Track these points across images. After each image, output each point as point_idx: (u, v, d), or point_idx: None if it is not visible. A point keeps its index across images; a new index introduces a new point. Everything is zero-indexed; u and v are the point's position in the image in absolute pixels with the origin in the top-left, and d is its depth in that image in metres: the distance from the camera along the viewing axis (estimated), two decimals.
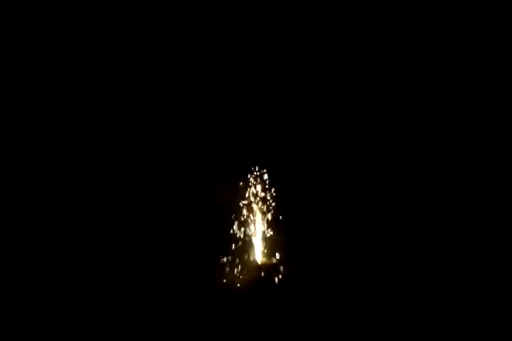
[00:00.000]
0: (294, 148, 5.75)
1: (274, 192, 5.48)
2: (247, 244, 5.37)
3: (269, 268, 5.17)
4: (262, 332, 4.12)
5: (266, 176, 5.53)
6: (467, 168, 5.71)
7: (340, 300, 4.60)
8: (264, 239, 5.40)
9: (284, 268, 5.22)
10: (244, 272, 5.20)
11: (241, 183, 5.51)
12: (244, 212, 5.46)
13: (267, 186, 5.51)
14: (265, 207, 5.45)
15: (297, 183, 5.60)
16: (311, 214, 5.59)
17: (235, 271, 5.24)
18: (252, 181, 5.50)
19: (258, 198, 5.46)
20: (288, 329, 4.17)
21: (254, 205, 5.45)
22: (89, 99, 5.86)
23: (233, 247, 5.34)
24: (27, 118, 5.70)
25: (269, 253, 5.36)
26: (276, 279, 5.09)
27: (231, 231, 5.39)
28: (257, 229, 5.41)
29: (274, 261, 5.28)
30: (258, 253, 5.38)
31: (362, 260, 5.22)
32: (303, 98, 5.87)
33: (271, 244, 5.39)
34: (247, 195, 5.49)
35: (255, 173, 5.53)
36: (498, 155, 5.66)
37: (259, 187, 5.51)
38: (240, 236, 5.37)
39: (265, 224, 5.43)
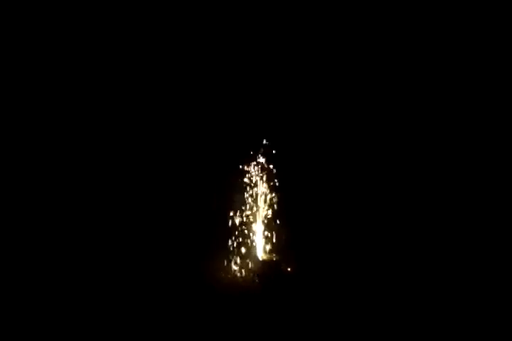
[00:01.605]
0: (298, 142, 5.76)
1: (277, 185, 5.47)
2: (248, 239, 5.35)
3: (271, 265, 5.14)
4: (262, 330, 4.10)
5: (266, 169, 5.50)
6: (467, 168, 5.73)
7: (341, 297, 4.58)
8: (266, 234, 5.38)
9: (285, 264, 5.20)
10: (246, 268, 5.18)
11: (241, 175, 5.48)
12: (246, 206, 5.45)
13: (268, 178, 5.48)
14: (267, 202, 5.44)
15: (300, 178, 5.61)
16: (313, 210, 5.60)
17: (236, 267, 5.22)
18: (253, 173, 5.47)
19: (260, 191, 5.44)
20: (289, 327, 4.14)
21: (255, 199, 5.44)
22: (86, 96, 5.87)
23: (234, 243, 5.32)
24: (27, 119, 5.71)
25: (271, 249, 5.35)
26: (278, 276, 5.07)
27: (232, 226, 5.38)
28: (259, 225, 5.39)
29: (276, 257, 5.26)
30: (259, 250, 5.35)
31: (364, 257, 5.22)
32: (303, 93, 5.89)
33: (273, 240, 5.37)
34: (247, 189, 5.47)
35: (256, 166, 5.49)
36: (498, 155, 5.68)
37: (260, 180, 5.48)
38: (241, 232, 5.35)
39: (267, 220, 5.41)
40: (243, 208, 5.42)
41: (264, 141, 5.48)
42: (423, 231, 5.45)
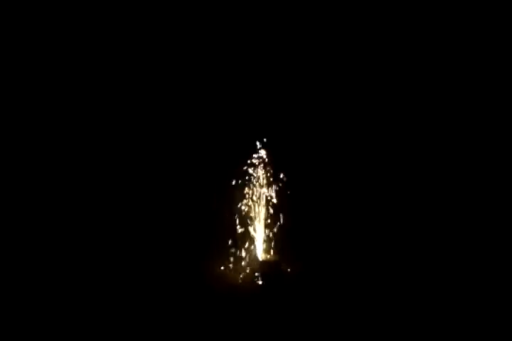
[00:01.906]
0: (298, 142, 5.76)
1: (277, 186, 5.46)
2: (248, 239, 5.34)
3: (271, 265, 5.13)
4: (262, 329, 4.09)
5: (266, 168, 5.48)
6: (467, 168, 5.73)
7: (342, 297, 4.57)
8: (266, 234, 5.36)
9: (285, 264, 5.19)
10: (246, 268, 5.17)
11: (241, 174, 5.46)
12: (246, 206, 5.43)
13: (269, 178, 5.46)
14: (267, 201, 5.42)
15: (300, 178, 5.61)
16: (313, 210, 5.60)
17: (236, 267, 5.21)
18: (253, 172, 5.45)
19: (260, 191, 5.42)
20: (289, 327, 4.13)
21: (255, 200, 5.42)
22: (88, 99, 5.87)
23: (234, 243, 5.31)
24: (27, 119, 5.70)
25: (271, 249, 5.34)
26: (278, 276, 5.06)
27: (231, 226, 5.36)
28: (259, 225, 5.38)
29: (276, 257, 5.25)
30: (259, 250, 5.34)
31: (364, 257, 5.22)
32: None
33: (273, 240, 5.35)
34: (247, 188, 5.45)
35: (256, 166, 5.47)
36: (498, 155, 5.69)
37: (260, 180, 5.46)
38: (241, 232, 5.34)
39: (267, 220, 5.40)
40: (243, 208, 5.41)
41: (264, 141, 5.47)
42: (423, 231, 5.45)
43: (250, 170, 5.42)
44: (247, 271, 5.16)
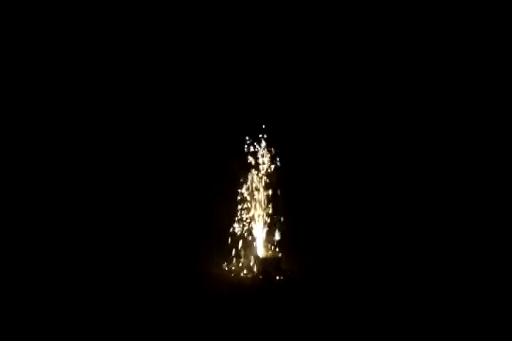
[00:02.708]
0: (299, 138, 5.77)
1: (277, 182, 5.45)
2: (249, 237, 5.33)
3: (272, 262, 5.12)
4: (262, 328, 4.06)
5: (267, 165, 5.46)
6: (467, 168, 5.76)
7: (342, 296, 4.55)
8: (267, 232, 5.35)
9: (286, 262, 5.18)
10: (246, 266, 5.16)
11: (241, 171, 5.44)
12: (246, 204, 5.42)
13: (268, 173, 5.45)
14: (268, 199, 5.41)
15: (301, 175, 5.62)
16: (314, 207, 5.61)
17: (236, 265, 5.20)
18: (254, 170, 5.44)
19: (261, 188, 5.41)
20: (289, 326, 4.11)
21: (255, 198, 5.41)
22: (87, 98, 5.89)
23: (235, 241, 5.30)
24: (27, 119, 5.72)
25: (272, 247, 5.32)
26: (279, 273, 5.06)
27: (232, 225, 5.35)
28: (259, 223, 5.37)
29: (276, 254, 5.24)
30: (260, 247, 5.32)
31: (363, 256, 5.22)
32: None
33: (273, 238, 5.34)
34: (248, 187, 5.44)
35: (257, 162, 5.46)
36: (498, 155, 5.72)
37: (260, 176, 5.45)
38: (241, 230, 5.33)
39: (268, 217, 5.39)
40: (244, 205, 5.40)
41: (265, 138, 5.47)
42: (423, 230, 5.46)
43: (251, 167, 5.42)
44: (248, 269, 5.14)
